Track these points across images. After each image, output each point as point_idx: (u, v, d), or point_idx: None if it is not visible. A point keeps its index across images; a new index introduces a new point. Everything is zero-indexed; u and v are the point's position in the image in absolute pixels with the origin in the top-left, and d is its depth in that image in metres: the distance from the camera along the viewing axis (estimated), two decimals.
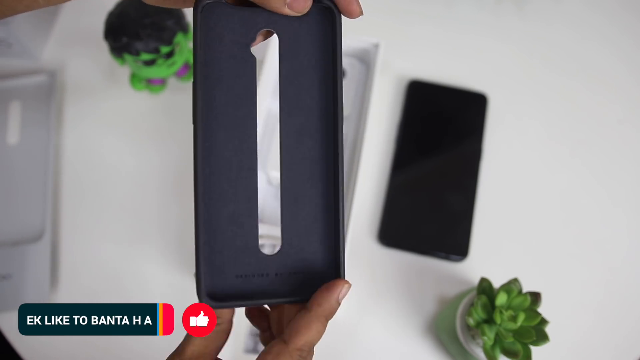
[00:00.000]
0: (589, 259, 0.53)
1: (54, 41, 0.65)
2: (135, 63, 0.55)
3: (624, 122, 0.60)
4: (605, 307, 0.52)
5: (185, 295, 0.52)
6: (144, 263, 0.53)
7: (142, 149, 0.58)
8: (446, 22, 0.65)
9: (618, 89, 0.61)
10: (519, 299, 0.42)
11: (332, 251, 0.28)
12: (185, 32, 0.55)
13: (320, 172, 0.28)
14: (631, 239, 0.54)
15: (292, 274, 0.28)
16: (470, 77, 0.61)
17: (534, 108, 0.60)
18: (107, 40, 0.54)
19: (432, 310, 0.51)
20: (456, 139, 0.58)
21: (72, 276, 0.53)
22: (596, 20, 0.65)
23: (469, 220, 0.54)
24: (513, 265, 0.52)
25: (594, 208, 0.56)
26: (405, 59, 0.62)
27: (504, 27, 0.65)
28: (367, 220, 0.54)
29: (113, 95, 0.61)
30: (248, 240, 0.27)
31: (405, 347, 0.50)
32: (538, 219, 0.55)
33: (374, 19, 0.57)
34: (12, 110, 0.60)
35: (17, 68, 0.63)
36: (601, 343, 0.50)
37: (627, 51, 0.63)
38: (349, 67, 0.60)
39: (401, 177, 0.56)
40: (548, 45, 0.64)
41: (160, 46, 0.53)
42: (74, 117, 0.60)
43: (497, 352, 0.41)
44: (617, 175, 0.57)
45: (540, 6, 0.66)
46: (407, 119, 0.59)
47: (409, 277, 0.52)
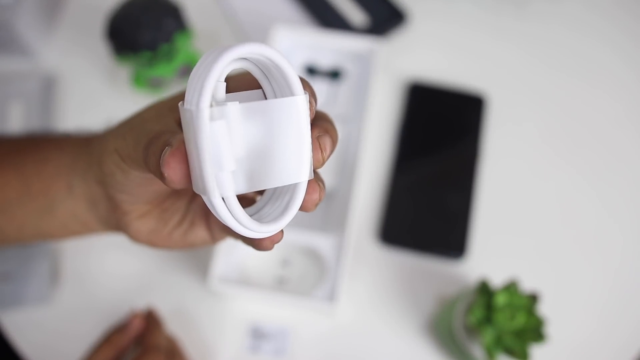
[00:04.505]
0: (588, 259, 0.54)
1: (55, 41, 0.65)
2: (136, 62, 0.55)
3: (624, 122, 0.60)
4: (604, 307, 0.52)
5: (186, 295, 0.52)
6: (144, 263, 0.53)
7: None
8: (446, 22, 0.65)
9: (618, 89, 0.62)
10: (518, 299, 0.42)
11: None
12: (185, 30, 0.55)
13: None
14: (631, 238, 0.54)
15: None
16: (470, 77, 0.61)
17: (534, 108, 0.60)
18: (108, 39, 0.54)
19: (431, 309, 0.51)
20: (456, 139, 0.58)
21: (73, 276, 0.53)
22: (596, 21, 0.65)
23: (468, 220, 0.54)
24: (512, 265, 0.52)
25: (594, 208, 0.56)
26: (405, 59, 0.63)
27: (503, 28, 0.65)
28: (367, 219, 0.55)
29: (113, 95, 0.61)
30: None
31: (405, 346, 0.50)
32: (537, 218, 0.55)
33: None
34: (12, 111, 0.60)
35: (17, 68, 0.63)
36: (600, 343, 0.50)
37: (627, 51, 0.63)
38: (349, 67, 0.60)
39: (401, 177, 0.56)
40: (548, 46, 0.64)
41: (160, 44, 0.53)
42: (74, 117, 0.60)
43: (496, 351, 0.41)
44: (617, 175, 0.57)
45: (540, 7, 0.66)
46: (407, 119, 0.59)
47: (409, 276, 0.53)
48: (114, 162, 0.27)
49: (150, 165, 0.23)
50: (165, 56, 0.55)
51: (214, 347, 0.50)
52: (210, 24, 0.65)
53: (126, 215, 0.29)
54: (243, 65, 0.22)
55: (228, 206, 0.20)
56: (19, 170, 0.32)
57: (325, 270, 0.49)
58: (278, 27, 0.58)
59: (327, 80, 0.59)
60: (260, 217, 0.24)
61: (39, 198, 0.32)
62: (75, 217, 0.32)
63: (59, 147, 0.32)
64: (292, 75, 0.21)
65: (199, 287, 0.52)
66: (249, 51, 0.20)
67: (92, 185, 0.30)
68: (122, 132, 0.26)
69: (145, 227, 0.29)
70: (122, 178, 0.27)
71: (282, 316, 0.51)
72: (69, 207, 0.31)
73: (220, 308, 0.51)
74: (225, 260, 0.49)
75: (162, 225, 0.29)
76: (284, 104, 0.21)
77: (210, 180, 0.20)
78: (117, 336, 0.46)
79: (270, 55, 0.21)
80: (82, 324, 0.51)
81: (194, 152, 0.20)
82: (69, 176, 0.31)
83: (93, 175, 0.29)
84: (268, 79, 0.23)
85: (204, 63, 0.20)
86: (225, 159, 0.20)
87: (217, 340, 0.50)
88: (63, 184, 0.31)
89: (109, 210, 0.30)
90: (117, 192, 0.28)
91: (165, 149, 0.21)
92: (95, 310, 0.51)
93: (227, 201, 0.20)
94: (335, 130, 0.25)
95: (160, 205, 0.29)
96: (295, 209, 0.23)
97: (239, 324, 0.51)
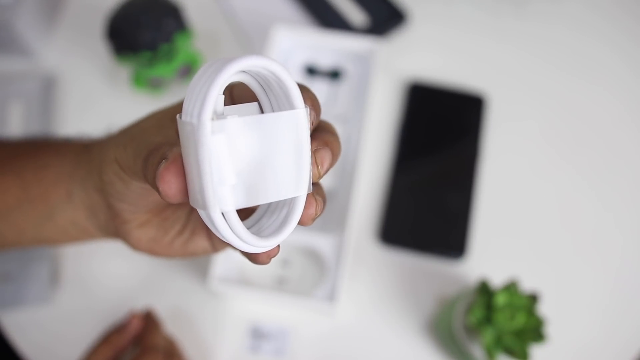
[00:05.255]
0: (588, 259, 0.54)
1: (55, 41, 0.65)
2: (136, 62, 0.55)
3: (624, 122, 0.60)
4: (604, 307, 0.52)
5: (186, 295, 0.52)
6: (145, 263, 0.53)
7: None
8: (446, 22, 0.65)
9: (618, 89, 0.61)
10: (518, 299, 0.42)
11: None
12: (185, 30, 0.55)
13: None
14: (632, 238, 0.54)
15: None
16: (470, 77, 0.61)
17: (533, 108, 0.60)
18: (108, 39, 0.54)
19: (431, 309, 0.51)
20: (456, 139, 0.58)
21: (73, 276, 0.53)
22: (595, 21, 0.65)
23: (468, 220, 0.54)
24: (512, 265, 0.52)
25: (594, 208, 0.56)
26: (405, 59, 0.63)
27: (503, 27, 0.65)
28: (367, 220, 0.55)
29: (113, 95, 0.61)
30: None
31: (405, 346, 0.50)
32: (537, 219, 0.55)
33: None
34: (12, 111, 0.60)
35: (18, 68, 0.63)
36: (601, 343, 0.50)
37: (627, 51, 0.63)
38: (349, 67, 0.60)
39: (401, 177, 0.56)
40: (547, 46, 0.64)
41: (160, 44, 0.53)
42: (74, 117, 0.60)
43: (496, 352, 0.41)
44: (617, 176, 0.57)
45: (540, 7, 0.66)
46: (407, 119, 0.59)
47: (409, 276, 0.53)
48: (114, 171, 0.26)
49: (148, 178, 0.22)
50: (165, 56, 0.55)
51: (214, 347, 0.50)
52: (210, 24, 0.65)
53: (126, 223, 0.29)
54: (241, 77, 0.22)
55: (228, 221, 0.20)
56: (19, 176, 0.32)
57: (325, 271, 0.49)
58: (278, 27, 0.58)
59: (327, 80, 0.59)
60: (259, 230, 0.23)
61: (39, 205, 0.31)
62: (75, 224, 0.32)
63: (59, 153, 0.32)
64: (293, 88, 0.21)
65: (198, 287, 0.52)
66: (252, 64, 0.20)
67: (91, 193, 0.30)
68: (123, 142, 0.26)
69: (146, 235, 0.29)
70: (122, 188, 0.26)
71: (282, 316, 0.51)
72: (69, 215, 0.31)
73: (220, 308, 0.51)
74: (225, 260, 0.49)
75: (162, 234, 0.29)
76: (284, 117, 0.21)
77: (211, 195, 0.19)
78: (116, 336, 0.46)
79: (273, 69, 0.20)
80: (82, 324, 0.51)
81: (193, 165, 0.19)
82: (68, 184, 0.31)
83: (93, 183, 0.29)
84: (265, 91, 0.22)
85: (204, 74, 0.20)
86: (226, 173, 0.19)
87: (217, 341, 0.50)
88: (63, 191, 0.31)
89: (109, 219, 0.29)
90: (117, 201, 0.28)
91: (161, 162, 0.21)
92: (95, 310, 0.51)
93: (226, 216, 0.20)
94: (337, 142, 0.24)
95: (160, 214, 0.29)
96: (293, 223, 0.22)
97: (239, 324, 0.51)
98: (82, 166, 0.30)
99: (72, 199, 0.31)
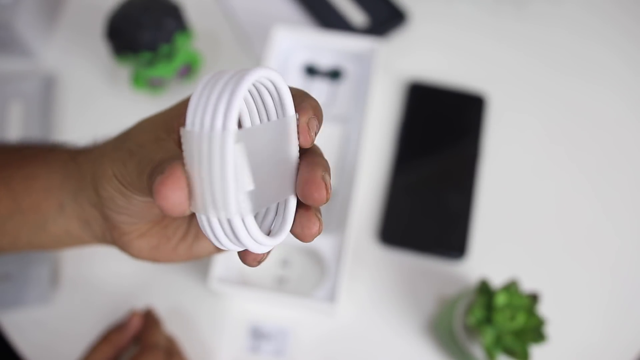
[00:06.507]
0: (588, 259, 0.53)
1: (55, 41, 0.65)
2: (136, 62, 0.55)
3: (624, 123, 0.60)
4: (605, 307, 0.52)
5: (186, 295, 0.52)
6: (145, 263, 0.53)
7: None
8: (446, 22, 0.65)
9: (618, 90, 0.61)
10: (518, 299, 0.42)
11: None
12: (185, 30, 0.55)
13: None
14: (632, 238, 0.54)
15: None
16: (470, 77, 0.61)
17: (534, 108, 0.60)
18: (108, 39, 0.54)
19: (431, 309, 0.51)
20: (456, 139, 0.58)
21: (73, 276, 0.53)
22: (595, 22, 0.65)
23: (468, 220, 0.54)
24: (512, 265, 0.52)
25: (594, 208, 0.56)
26: (405, 59, 0.63)
27: (503, 28, 0.65)
28: (367, 220, 0.55)
29: (113, 96, 0.61)
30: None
31: (405, 346, 0.50)
32: (538, 219, 0.55)
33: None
34: (12, 111, 0.60)
35: (17, 68, 0.63)
36: (601, 343, 0.50)
37: (627, 52, 0.63)
38: (349, 67, 0.60)
39: (401, 177, 0.56)
40: (547, 46, 0.64)
41: (160, 44, 0.53)
42: (74, 117, 0.60)
43: (496, 352, 0.41)
44: (617, 176, 0.57)
45: (539, 8, 0.66)
46: (407, 119, 0.59)
47: (409, 276, 0.52)
48: (114, 187, 0.26)
49: (153, 194, 0.23)
50: (165, 56, 0.55)
51: (214, 347, 0.50)
52: (210, 24, 0.65)
53: (126, 235, 0.28)
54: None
55: (246, 226, 0.21)
56: (7, 185, 0.31)
57: (325, 271, 0.49)
58: (278, 27, 0.58)
59: (327, 80, 0.59)
60: (264, 230, 0.24)
61: (30, 214, 0.31)
62: (69, 233, 0.31)
63: (46, 163, 0.32)
64: (289, 97, 0.23)
65: (198, 287, 0.52)
66: (264, 75, 0.21)
67: (85, 207, 0.29)
68: (121, 158, 0.26)
69: (148, 245, 0.29)
70: (124, 203, 0.26)
71: (282, 316, 0.51)
72: (62, 225, 0.31)
73: (220, 308, 0.51)
74: (225, 260, 0.49)
75: (164, 241, 0.29)
76: (281, 123, 0.22)
77: (233, 202, 0.20)
78: (116, 335, 0.46)
79: (275, 79, 0.22)
80: (82, 323, 0.51)
81: (205, 173, 0.20)
82: (59, 196, 0.30)
83: (86, 198, 0.29)
84: (254, 100, 0.23)
85: (217, 85, 0.20)
86: (247, 180, 0.20)
87: (217, 341, 0.50)
88: (54, 201, 0.31)
89: (105, 230, 0.29)
90: (117, 215, 0.27)
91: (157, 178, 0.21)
92: (95, 310, 0.51)
93: (245, 221, 0.21)
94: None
95: (161, 222, 0.29)
96: (289, 223, 0.23)
97: (239, 324, 0.51)
98: (72, 177, 0.30)
99: (64, 210, 0.30)
